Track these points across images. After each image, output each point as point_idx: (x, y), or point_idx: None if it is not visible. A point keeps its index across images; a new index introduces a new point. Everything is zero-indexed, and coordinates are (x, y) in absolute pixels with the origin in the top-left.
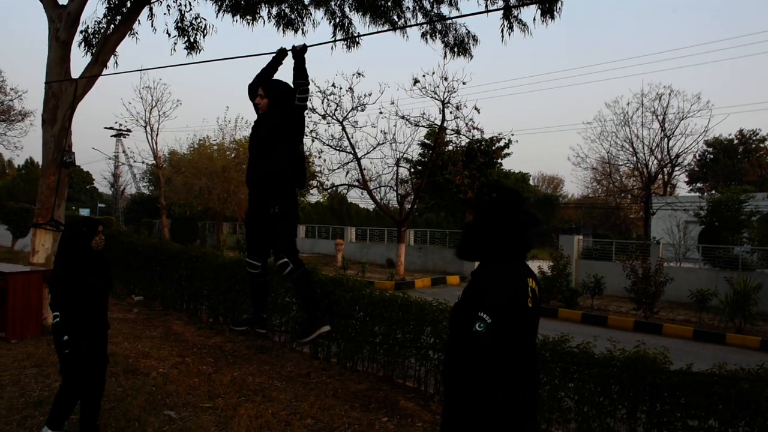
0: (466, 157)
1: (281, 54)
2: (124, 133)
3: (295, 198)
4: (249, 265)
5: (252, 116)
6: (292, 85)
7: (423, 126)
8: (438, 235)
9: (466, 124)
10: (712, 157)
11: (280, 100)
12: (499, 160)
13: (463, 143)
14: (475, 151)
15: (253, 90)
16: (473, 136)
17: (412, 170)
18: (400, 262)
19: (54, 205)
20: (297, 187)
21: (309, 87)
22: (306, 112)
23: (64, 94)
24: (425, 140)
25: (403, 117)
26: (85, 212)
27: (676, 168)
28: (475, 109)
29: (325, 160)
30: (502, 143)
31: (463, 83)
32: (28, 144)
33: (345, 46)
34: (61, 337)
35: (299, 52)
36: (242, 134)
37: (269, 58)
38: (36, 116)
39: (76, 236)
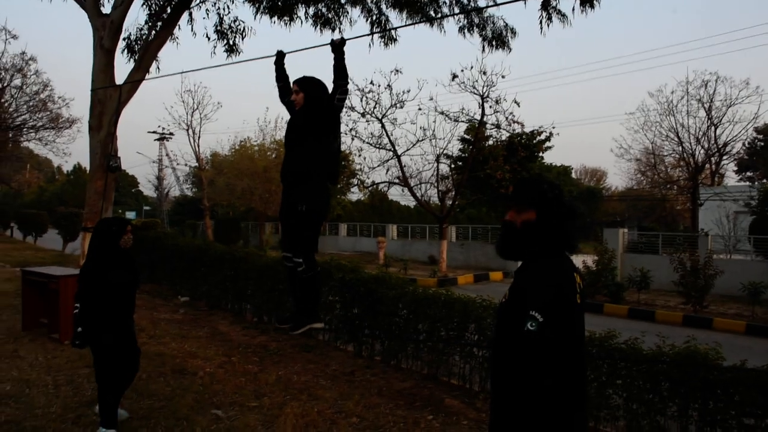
0: (506, 152)
1: (280, 56)
2: (166, 136)
3: (325, 196)
4: (285, 259)
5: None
6: (326, 83)
7: (462, 121)
8: (480, 230)
9: (506, 118)
10: (762, 144)
11: (315, 96)
12: (541, 154)
13: (503, 137)
14: (515, 145)
15: (284, 91)
16: (513, 130)
17: (453, 166)
18: (442, 258)
19: (102, 209)
20: (329, 183)
21: (348, 87)
22: (345, 109)
23: (109, 101)
24: (465, 135)
25: (442, 113)
26: (131, 215)
27: (724, 157)
28: (515, 102)
29: (365, 158)
30: (543, 136)
31: (502, 77)
32: (75, 150)
33: (382, 43)
34: (75, 328)
35: (338, 47)
36: (282, 135)
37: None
38: (83, 123)
39: (106, 233)
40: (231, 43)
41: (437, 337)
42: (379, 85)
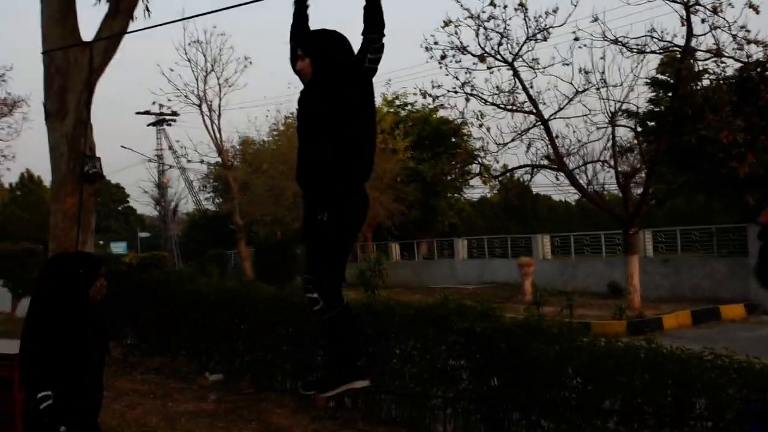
0: (737, 96)
1: None
2: (167, 118)
3: (356, 200)
4: (306, 290)
5: None
6: (346, 38)
7: (653, 52)
8: (696, 235)
9: (734, 37)
10: None
11: (328, 59)
12: None
13: (729, 71)
14: (754, 83)
15: (293, 52)
16: (748, 56)
17: (640, 130)
18: (632, 286)
19: (77, 242)
20: (360, 181)
21: (384, 41)
22: (453, 51)
23: (73, 68)
24: (659, 76)
25: (616, 41)
26: (119, 247)
27: None
28: (751, 7)
29: (488, 129)
30: None
31: None
32: (22, 149)
33: None
34: (55, 429)
35: None
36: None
37: None
38: (31, 105)
39: (69, 278)
40: None
41: (639, 422)
42: (505, 6)
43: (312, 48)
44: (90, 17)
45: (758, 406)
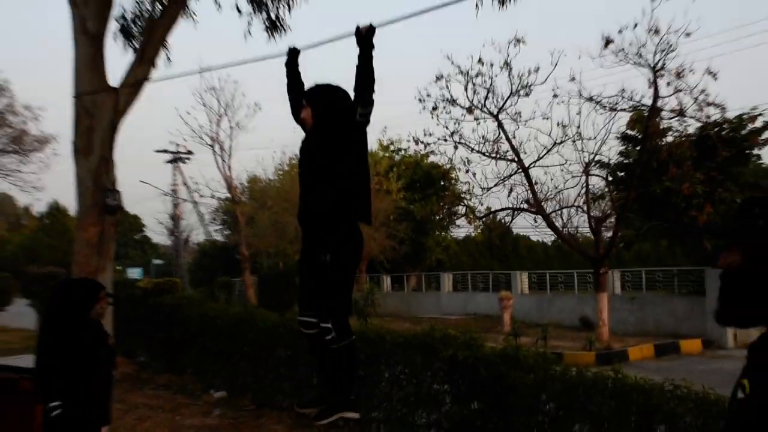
0: (698, 152)
1: (293, 53)
2: (183, 157)
3: (356, 240)
4: (302, 324)
5: None
6: (346, 92)
7: (623, 110)
8: (660, 276)
9: (695, 99)
10: None
11: (330, 111)
12: (756, 150)
13: (690, 130)
14: (712, 141)
15: (297, 104)
16: (707, 117)
17: (611, 179)
18: (601, 321)
19: (97, 268)
20: (361, 222)
21: (374, 97)
22: (444, 103)
23: (100, 110)
24: (628, 132)
25: (590, 99)
26: (134, 273)
27: None
28: (710, 74)
29: (474, 175)
30: (758, 123)
31: (687, 35)
32: (51, 183)
33: (498, 1)
34: None
35: (366, 37)
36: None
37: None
38: (60, 142)
39: (70, 303)
40: (273, 16)
41: None
42: (491, 65)
43: (316, 100)
44: (116, 64)
45: None
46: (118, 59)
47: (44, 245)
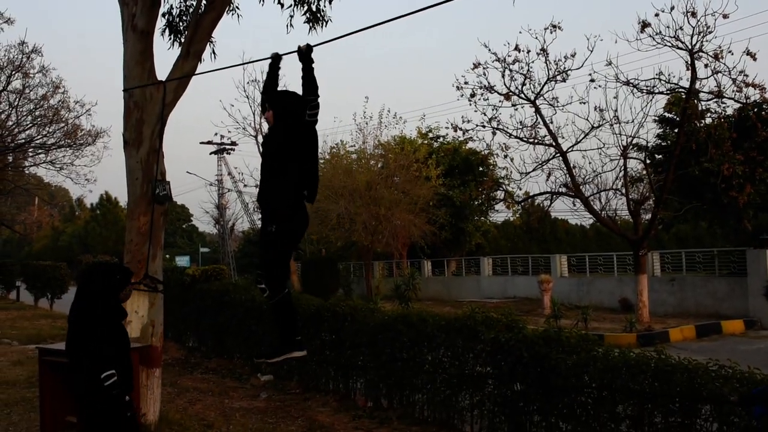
0: (737, 133)
1: (275, 59)
2: (227, 148)
3: (299, 215)
4: (259, 289)
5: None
6: (300, 96)
7: (661, 92)
8: (700, 257)
9: (734, 80)
10: None
11: (285, 113)
12: None
13: (729, 111)
14: (751, 121)
15: (263, 104)
16: (746, 98)
17: (649, 162)
18: (641, 302)
19: (148, 256)
20: (306, 201)
21: (319, 101)
22: (481, 90)
23: (149, 104)
24: (666, 114)
25: (627, 83)
26: (183, 261)
27: None
28: (749, 54)
29: (512, 160)
30: None
31: (724, 17)
32: (102, 174)
33: None
34: (121, 400)
35: (306, 54)
36: (390, 133)
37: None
38: (111, 136)
39: (107, 281)
40: (314, 9)
41: (649, 426)
42: (528, 51)
43: (274, 104)
44: (164, 58)
45: (762, 389)
46: (165, 54)
47: (96, 235)
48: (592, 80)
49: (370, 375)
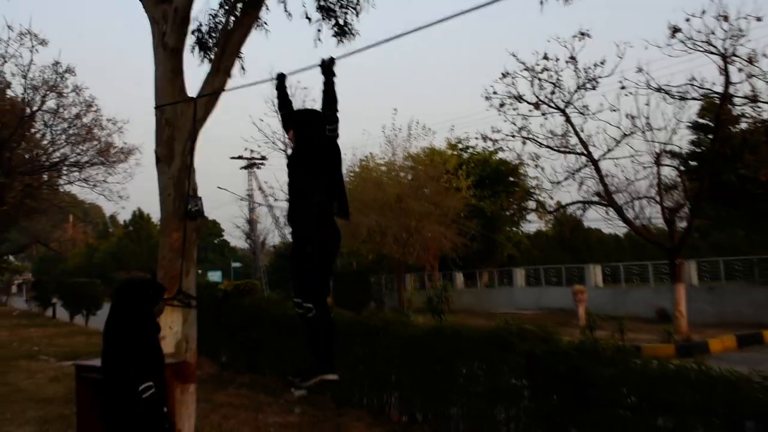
0: None
1: (280, 79)
2: (257, 162)
3: (334, 233)
4: (296, 305)
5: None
6: (318, 113)
7: (693, 98)
8: (738, 265)
9: None
10: None
11: (305, 131)
12: None
13: (765, 115)
14: None
15: (285, 121)
16: None
17: (683, 169)
18: (679, 312)
19: (181, 272)
20: (339, 217)
21: (338, 116)
22: (510, 100)
23: (180, 120)
24: (699, 120)
25: (659, 89)
26: (215, 276)
27: None
28: None
29: (543, 169)
30: None
31: (757, 19)
32: (135, 191)
33: None
34: (159, 412)
35: (328, 67)
36: (420, 145)
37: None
38: (143, 153)
39: (140, 298)
40: (341, 22)
41: None
42: (557, 60)
43: (294, 124)
44: (194, 75)
45: None
46: (195, 70)
47: (130, 251)
48: (623, 87)
49: (404, 389)
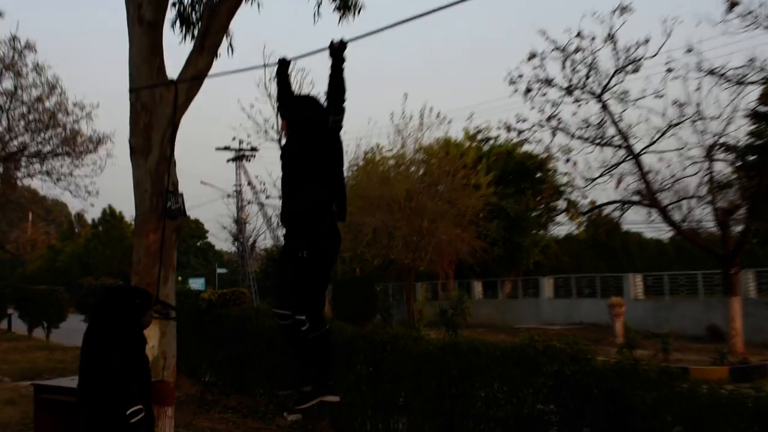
0: None
1: (282, 64)
2: (247, 154)
3: (332, 239)
4: (278, 316)
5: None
6: (317, 100)
7: (753, 83)
8: None
9: None
10: None
11: (302, 122)
12: None
13: None
14: None
15: (278, 112)
16: None
17: (740, 164)
18: (733, 329)
19: (158, 279)
20: (338, 220)
21: (344, 106)
22: (539, 84)
23: (159, 106)
24: (760, 108)
25: (712, 72)
26: (197, 284)
27: None
28: None
29: (576, 164)
30: None
31: None
32: (105, 186)
33: None
34: None
35: (338, 51)
36: (433, 135)
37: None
38: (114, 142)
39: (127, 307)
40: None
41: None
42: (593, 39)
43: (288, 113)
44: (175, 54)
45: None
46: (176, 49)
47: (99, 254)
48: (670, 70)
49: (414, 413)
